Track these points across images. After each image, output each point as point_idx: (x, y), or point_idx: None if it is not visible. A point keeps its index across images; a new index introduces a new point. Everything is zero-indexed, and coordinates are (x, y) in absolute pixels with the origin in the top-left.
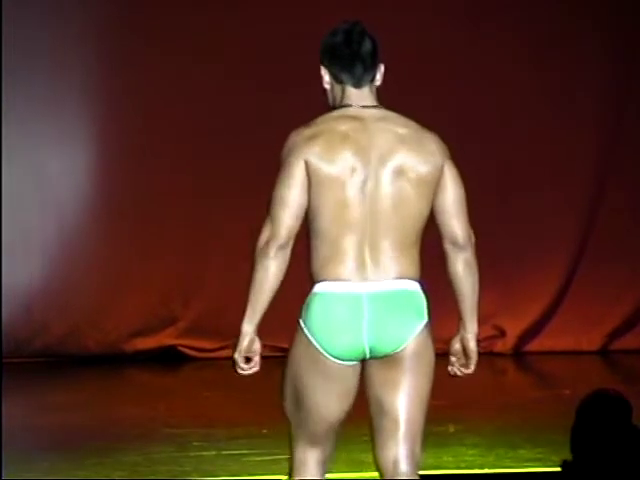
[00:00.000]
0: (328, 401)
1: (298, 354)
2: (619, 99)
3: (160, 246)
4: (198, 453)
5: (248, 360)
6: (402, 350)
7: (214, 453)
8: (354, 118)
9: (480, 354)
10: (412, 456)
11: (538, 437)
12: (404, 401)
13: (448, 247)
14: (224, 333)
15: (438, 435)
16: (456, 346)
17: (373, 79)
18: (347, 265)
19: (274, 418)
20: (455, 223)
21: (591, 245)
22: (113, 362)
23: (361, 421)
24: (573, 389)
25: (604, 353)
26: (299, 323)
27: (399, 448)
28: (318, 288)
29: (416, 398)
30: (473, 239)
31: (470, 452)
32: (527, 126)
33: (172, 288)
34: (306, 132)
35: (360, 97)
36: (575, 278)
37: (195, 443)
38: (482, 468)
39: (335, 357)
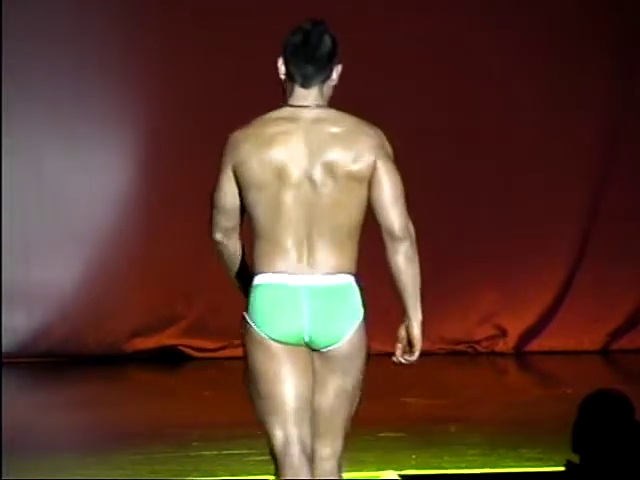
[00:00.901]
0: (281, 381)
1: (247, 345)
2: (619, 100)
3: (161, 246)
4: (198, 453)
5: None
6: (337, 348)
7: (215, 453)
8: (289, 119)
9: (482, 354)
10: (331, 452)
11: (539, 437)
12: (329, 399)
13: (386, 239)
14: (225, 333)
15: (439, 434)
16: (402, 333)
17: (326, 80)
18: (286, 259)
19: None
20: (390, 215)
21: (592, 245)
22: (114, 362)
23: (360, 421)
24: (575, 389)
25: (605, 353)
26: (243, 316)
27: (319, 443)
28: (258, 280)
29: (341, 397)
30: (412, 230)
31: (471, 452)
32: (528, 128)
33: (173, 288)
34: (240, 135)
35: (305, 97)
36: (576, 278)
37: (195, 443)
38: (483, 468)
39: (279, 342)
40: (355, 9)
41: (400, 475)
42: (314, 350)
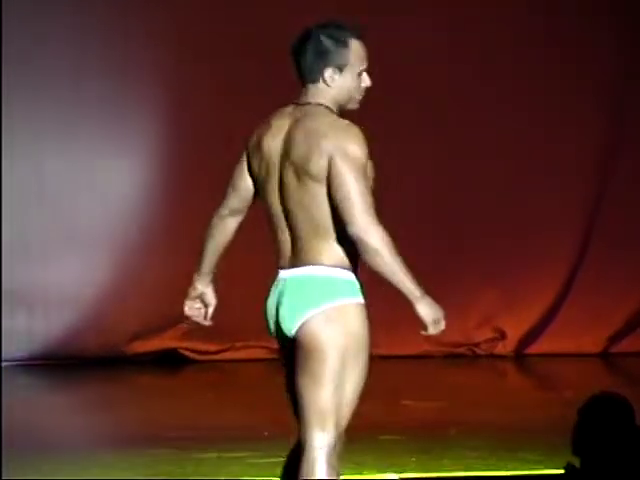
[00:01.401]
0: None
1: None
2: (619, 100)
3: (162, 248)
4: (199, 455)
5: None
6: (297, 333)
7: (215, 455)
8: (285, 115)
9: (481, 356)
10: (318, 440)
11: (539, 439)
12: (301, 384)
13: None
14: (225, 335)
15: (439, 437)
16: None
17: (316, 80)
18: (281, 254)
19: (275, 420)
20: (346, 216)
21: (592, 248)
22: (114, 365)
23: (360, 422)
24: (575, 392)
25: (606, 356)
26: None
27: (306, 431)
28: None
29: (311, 382)
30: (374, 230)
31: (471, 454)
32: (528, 128)
33: (173, 290)
34: (257, 125)
35: (304, 94)
36: (577, 280)
37: (196, 445)
38: (483, 471)
39: (279, 342)
40: (355, 9)
41: (400, 478)
42: (293, 338)
